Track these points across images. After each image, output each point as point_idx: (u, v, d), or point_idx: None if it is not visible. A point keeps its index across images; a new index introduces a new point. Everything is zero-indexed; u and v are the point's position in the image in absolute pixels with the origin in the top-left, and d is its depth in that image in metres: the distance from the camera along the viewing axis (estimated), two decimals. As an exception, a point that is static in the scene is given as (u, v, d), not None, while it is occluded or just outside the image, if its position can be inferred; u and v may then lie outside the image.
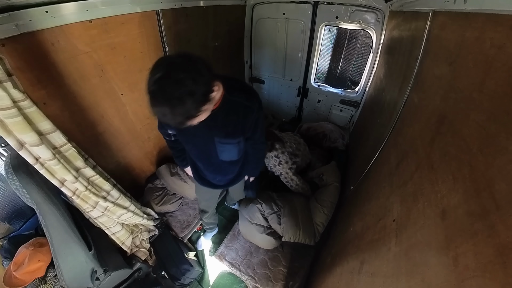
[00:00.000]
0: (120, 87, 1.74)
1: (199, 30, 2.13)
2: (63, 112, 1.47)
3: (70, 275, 1.27)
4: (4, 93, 1.00)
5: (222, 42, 2.45)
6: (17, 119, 1.07)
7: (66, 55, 1.32)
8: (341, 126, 2.76)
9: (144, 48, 1.74)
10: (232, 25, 2.49)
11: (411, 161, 0.86)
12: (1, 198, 1.60)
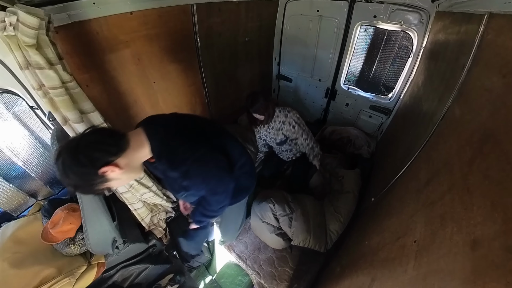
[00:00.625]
0: (153, 76, 1.83)
1: (231, 25, 2.14)
2: (102, 95, 1.59)
3: (94, 240, 1.39)
4: (55, 74, 1.10)
5: (252, 38, 2.44)
6: (64, 98, 1.18)
7: (108, 43, 1.43)
8: (368, 133, 2.59)
9: (177, 40, 1.81)
10: (264, 21, 2.46)
11: (444, 180, 0.77)
12: (45, 165, 1.80)
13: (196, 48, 2.00)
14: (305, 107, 3.06)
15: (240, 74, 2.62)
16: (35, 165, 1.75)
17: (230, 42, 2.24)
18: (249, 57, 2.58)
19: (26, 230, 1.48)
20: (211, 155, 0.93)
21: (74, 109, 1.22)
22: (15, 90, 1.37)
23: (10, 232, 1.44)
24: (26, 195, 1.79)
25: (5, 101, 1.43)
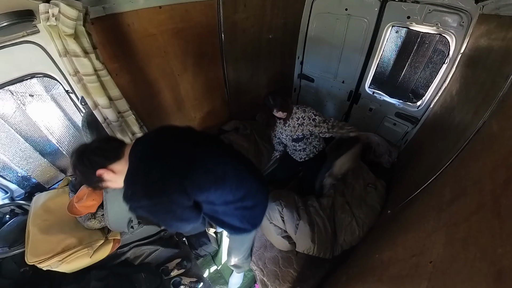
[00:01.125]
0: (177, 68, 1.88)
1: (256, 21, 2.11)
2: (129, 84, 1.67)
3: (113, 218, 1.48)
4: (89, 62, 1.18)
5: (276, 35, 2.39)
6: (96, 85, 1.26)
7: (137, 35, 1.49)
8: (390, 141, 2.45)
9: (202, 34, 1.83)
10: (289, 18, 2.39)
11: (471, 201, 0.70)
12: (76, 144, 1.93)
13: (220, 43, 2.01)
14: (325, 109, 2.96)
15: (262, 71, 2.60)
16: (66, 143, 1.89)
17: (253, 39, 2.22)
18: (272, 55, 2.54)
19: (55, 201, 1.61)
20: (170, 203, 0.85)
21: (103, 95, 1.30)
22: (54, 75, 1.49)
23: (41, 202, 1.58)
24: (57, 170, 1.96)
25: (45, 85, 1.56)
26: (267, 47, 2.41)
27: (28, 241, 1.35)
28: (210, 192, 0.94)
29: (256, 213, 1.16)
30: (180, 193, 0.85)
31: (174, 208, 0.86)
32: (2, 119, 1.53)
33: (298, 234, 1.70)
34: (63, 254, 1.36)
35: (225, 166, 0.99)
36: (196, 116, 2.35)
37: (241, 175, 1.04)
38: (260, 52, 2.40)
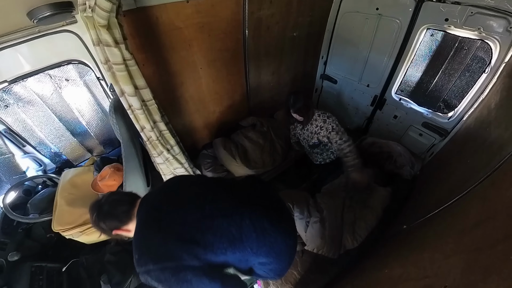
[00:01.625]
0: (200, 62, 1.91)
1: (281, 18, 2.06)
2: (154, 75, 1.72)
3: None
4: (119, 52, 1.22)
5: (301, 33, 2.32)
6: (123, 73, 1.31)
7: (164, 28, 1.53)
8: (414, 152, 2.28)
9: (226, 29, 1.83)
10: (315, 16, 2.30)
11: (500, 227, 0.63)
12: (102, 127, 2.08)
13: (243, 39, 2.00)
14: (347, 113, 2.84)
15: (283, 69, 2.55)
16: (94, 126, 2.03)
17: (277, 36, 2.18)
18: (295, 53, 2.47)
19: (81, 177, 1.74)
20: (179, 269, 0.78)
21: (130, 84, 1.35)
22: (87, 63, 1.59)
23: (69, 177, 1.72)
24: (85, 150, 2.11)
25: (79, 71, 1.68)
26: (291, 45, 2.36)
27: (55, 210, 1.48)
28: (227, 255, 0.84)
29: (284, 266, 1.00)
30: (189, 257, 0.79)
31: (188, 277, 0.78)
32: (42, 99, 1.67)
33: (309, 231, 1.68)
34: (83, 226, 1.47)
35: (241, 222, 0.88)
36: (215, 110, 2.38)
37: (262, 230, 0.90)
38: (283, 49, 2.35)
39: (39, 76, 1.56)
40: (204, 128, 2.45)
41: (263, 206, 0.97)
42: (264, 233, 0.89)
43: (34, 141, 1.84)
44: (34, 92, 1.62)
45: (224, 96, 2.33)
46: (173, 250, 0.80)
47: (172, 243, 0.81)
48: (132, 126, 1.50)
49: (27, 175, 1.86)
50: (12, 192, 1.63)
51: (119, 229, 0.92)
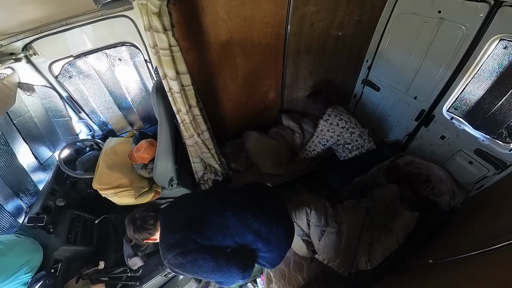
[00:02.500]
0: (239, 53, 2.00)
1: (326, 15, 2.02)
2: (195, 62, 1.88)
3: (159, 172, 1.78)
4: (166, 38, 1.36)
5: (347, 33, 2.24)
6: (168, 58, 1.45)
7: (209, 19, 1.65)
8: (458, 181, 2.05)
9: (268, 23, 1.88)
10: (365, 15, 2.18)
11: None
12: (144, 105, 2.35)
13: (285, 35, 2.02)
14: (386, 124, 2.65)
15: (322, 70, 2.50)
16: (138, 103, 2.30)
17: (321, 34, 2.14)
18: (337, 54, 2.40)
19: (121, 146, 2.00)
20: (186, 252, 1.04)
21: (172, 69, 1.48)
22: (138, 45, 1.81)
23: (111, 144, 1.99)
24: (127, 123, 2.41)
25: (130, 52, 1.93)
26: (334, 45, 2.30)
27: (96, 171, 1.75)
28: (220, 239, 1.11)
29: (274, 256, 1.22)
30: (188, 241, 1.06)
31: (193, 257, 1.03)
32: (98, 74, 1.96)
33: (323, 241, 1.66)
34: (117, 189, 1.71)
35: (225, 213, 1.15)
36: (247, 102, 2.47)
37: (245, 220, 1.15)
38: (325, 49, 2.30)
39: (98, 54, 1.85)
40: (234, 118, 2.56)
41: (247, 202, 1.23)
42: (247, 222, 1.14)
43: (88, 110, 2.18)
44: (93, 68, 1.92)
45: (258, 90, 2.40)
46: (179, 240, 1.06)
47: (179, 235, 1.07)
48: (169, 107, 1.66)
49: (79, 137, 2.22)
50: (66, 149, 1.98)
51: (149, 239, 1.20)
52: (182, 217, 1.16)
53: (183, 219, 1.14)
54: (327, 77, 2.60)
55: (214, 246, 1.09)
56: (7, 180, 1.57)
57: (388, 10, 2.18)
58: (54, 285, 1.40)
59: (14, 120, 1.65)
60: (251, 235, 1.13)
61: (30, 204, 1.73)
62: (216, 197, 1.29)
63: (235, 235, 1.12)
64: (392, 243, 1.60)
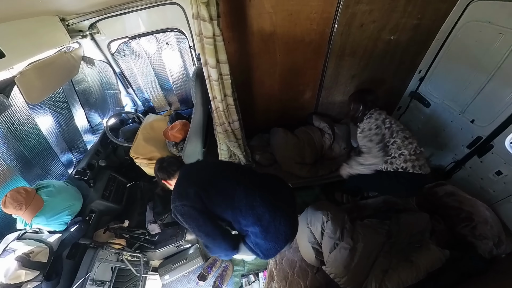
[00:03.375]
0: (280, 49, 2.01)
1: (379, 16, 1.89)
2: (235, 53, 1.96)
3: (187, 152, 1.94)
4: (211, 27, 1.45)
5: (400, 38, 2.07)
6: (211, 47, 1.54)
7: (254, 11, 1.69)
8: (508, 227, 1.76)
9: (314, 21, 1.84)
10: (425, 20, 1.98)
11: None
12: (183, 88, 2.54)
13: (330, 34, 1.96)
14: (432, 146, 2.39)
15: (366, 75, 2.37)
16: (178, 86, 2.50)
17: (370, 36, 2.02)
18: (386, 60, 2.25)
19: (158, 123, 2.23)
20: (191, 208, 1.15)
21: (214, 57, 1.57)
22: (185, 32, 1.97)
23: (150, 120, 2.23)
24: (166, 102, 2.65)
25: (177, 38, 2.11)
26: (383, 50, 2.15)
27: (134, 141, 1.99)
28: (222, 208, 1.20)
29: (269, 246, 1.25)
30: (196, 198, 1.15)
31: (196, 215, 1.15)
32: (147, 56, 2.19)
33: (334, 254, 1.61)
34: (149, 161, 1.93)
35: (236, 186, 1.22)
36: (282, 99, 2.48)
37: (252, 200, 1.20)
38: (373, 53, 2.17)
39: (149, 37, 2.07)
40: (265, 113, 2.61)
41: (261, 187, 1.28)
42: (254, 203, 1.19)
43: (135, 86, 2.46)
44: (143, 49, 2.15)
45: (294, 87, 2.40)
46: (190, 194, 1.17)
47: (191, 189, 1.18)
48: (206, 93, 1.78)
49: (124, 109, 2.52)
50: (113, 118, 2.28)
51: (166, 181, 1.38)
52: (199, 175, 1.28)
53: (199, 177, 1.27)
54: (370, 84, 2.44)
55: (215, 214, 1.19)
56: (64, 137, 1.89)
57: (455, 16, 1.94)
58: (86, 230, 1.66)
59: (76, 88, 1.96)
60: (252, 218, 1.18)
61: (78, 159, 2.07)
62: (236, 171, 1.38)
63: (238, 212, 1.19)
64: (410, 277, 1.47)
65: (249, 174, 1.39)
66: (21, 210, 1.39)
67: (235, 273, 2.12)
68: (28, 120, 1.54)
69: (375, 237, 1.69)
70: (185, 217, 1.17)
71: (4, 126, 1.39)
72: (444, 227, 1.81)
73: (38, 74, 1.46)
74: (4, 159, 1.41)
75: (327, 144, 2.44)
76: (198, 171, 1.34)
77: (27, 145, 1.56)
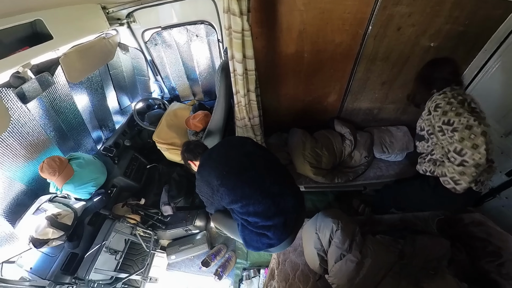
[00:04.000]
0: (307, 48, 1.97)
1: (420, 20, 1.75)
2: (262, 49, 1.95)
3: (205, 143, 1.93)
4: (241, 22, 1.46)
5: (442, 45, 1.90)
6: (238, 41, 1.56)
7: (285, 8, 1.67)
8: None
9: (347, 21, 1.77)
10: (473, 27, 1.78)
11: None
12: (208, 80, 2.62)
13: (363, 35, 1.87)
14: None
15: (398, 83, 2.24)
16: (203, 77, 2.58)
17: (407, 41, 1.89)
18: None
19: (181, 111, 2.34)
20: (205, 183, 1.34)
21: (240, 52, 1.59)
22: (215, 26, 2.02)
23: (174, 108, 2.35)
24: (191, 93, 2.76)
25: (207, 31, 2.17)
26: (421, 57, 1.99)
27: (158, 126, 2.12)
28: (230, 180, 1.28)
29: (256, 239, 1.33)
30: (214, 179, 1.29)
31: (212, 193, 1.33)
32: (177, 46, 2.29)
33: (339, 265, 1.56)
34: (169, 146, 2.05)
35: (254, 163, 1.34)
36: (304, 99, 2.45)
37: (261, 181, 1.30)
38: (409, 60, 2.03)
39: (180, 28, 2.15)
40: (287, 112, 2.59)
41: (276, 179, 1.35)
42: (262, 187, 1.27)
43: (163, 74, 2.59)
44: (174, 39, 2.25)
45: (318, 89, 2.34)
46: (209, 174, 1.33)
47: (210, 170, 1.33)
48: (229, 87, 1.81)
49: (151, 95, 2.67)
50: (140, 102, 2.43)
51: (191, 161, 1.52)
52: (219, 156, 1.39)
53: (219, 155, 1.40)
54: (401, 93, 2.30)
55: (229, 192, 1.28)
56: (96, 115, 2.07)
57: (510, 25, 1.74)
58: (107, 202, 1.82)
59: (110, 71, 2.12)
60: (255, 197, 1.25)
61: (107, 137, 2.25)
62: (255, 148, 1.47)
63: (246, 187, 1.26)
64: None
65: (268, 156, 1.49)
66: (54, 176, 1.56)
67: (237, 265, 2.17)
68: (67, 97, 1.70)
69: (385, 255, 1.61)
70: (200, 190, 1.41)
71: (48, 101, 1.56)
72: (466, 258, 1.66)
73: (79, 56, 1.61)
74: (45, 130, 1.59)
75: (347, 150, 2.36)
76: (219, 153, 1.42)
77: (64, 120, 1.73)
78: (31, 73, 1.35)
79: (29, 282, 1.25)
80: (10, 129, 1.30)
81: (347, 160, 2.40)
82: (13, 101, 1.28)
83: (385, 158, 2.45)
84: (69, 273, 1.44)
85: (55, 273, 1.39)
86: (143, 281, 1.82)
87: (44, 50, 1.36)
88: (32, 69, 1.37)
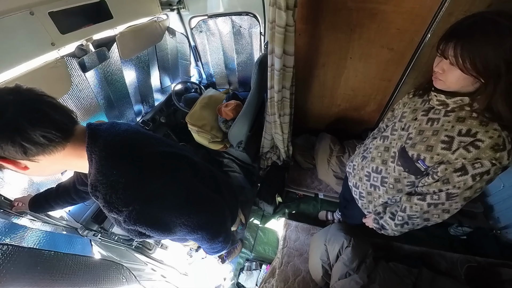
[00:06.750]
0: (353, 51, 1.86)
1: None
2: (303, 47, 1.92)
3: (233, 132, 2.09)
4: (285, 17, 1.43)
5: None
6: (281, 36, 1.53)
7: (333, 5, 1.58)
8: None
9: (403, 26, 1.61)
10: None
11: None
12: (245, 72, 2.64)
13: (419, 44, 1.68)
14: (487, 205, 1.92)
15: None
16: (241, 68, 2.63)
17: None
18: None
19: (216, 97, 2.44)
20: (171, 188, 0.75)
21: (281, 47, 1.56)
22: (259, 18, 2.02)
23: (210, 94, 2.45)
24: (227, 81, 2.85)
25: (250, 22, 2.18)
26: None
27: (192, 109, 2.24)
28: None
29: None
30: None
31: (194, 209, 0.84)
32: (220, 35, 2.36)
33: (342, 283, 1.51)
34: (199, 129, 2.17)
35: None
36: (341, 104, 2.36)
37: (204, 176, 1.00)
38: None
39: (225, 18, 2.19)
40: (319, 115, 2.53)
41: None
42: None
43: (204, 61, 2.70)
44: (218, 28, 2.30)
45: (358, 96, 2.22)
46: None
47: None
48: (265, 81, 1.81)
49: (190, 79, 2.82)
50: (179, 85, 2.59)
51: None
52: None
53: None
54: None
55: None
56: (140, 91, 2.27)
57: None
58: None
59: (157, 53, 2.28)
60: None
61: (146, 111, 2.46)
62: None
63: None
64: None
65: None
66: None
67: (242, 254, 2.25)
68: (118, 71, 1.89)
69: (396, 286, 1.51)
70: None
71: (102, 72, 1.77)
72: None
73: (132, 36, 1.77)
74: (97, 97, 1.80)
75: None
76: None
77: (113, 90, 1.94)
78: (92, 47, 1.55)
79: (66, 221, 1.45)
80: (70, 92, 1.50)
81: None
82: (75, 69, 1.49)
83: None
84: (97, 222, 1.64)
85: (87, 219, 1.61)
86: (156, 246, 1.99)
87: (104, 28, 1.55)
88: (93, 43, 1.56)
